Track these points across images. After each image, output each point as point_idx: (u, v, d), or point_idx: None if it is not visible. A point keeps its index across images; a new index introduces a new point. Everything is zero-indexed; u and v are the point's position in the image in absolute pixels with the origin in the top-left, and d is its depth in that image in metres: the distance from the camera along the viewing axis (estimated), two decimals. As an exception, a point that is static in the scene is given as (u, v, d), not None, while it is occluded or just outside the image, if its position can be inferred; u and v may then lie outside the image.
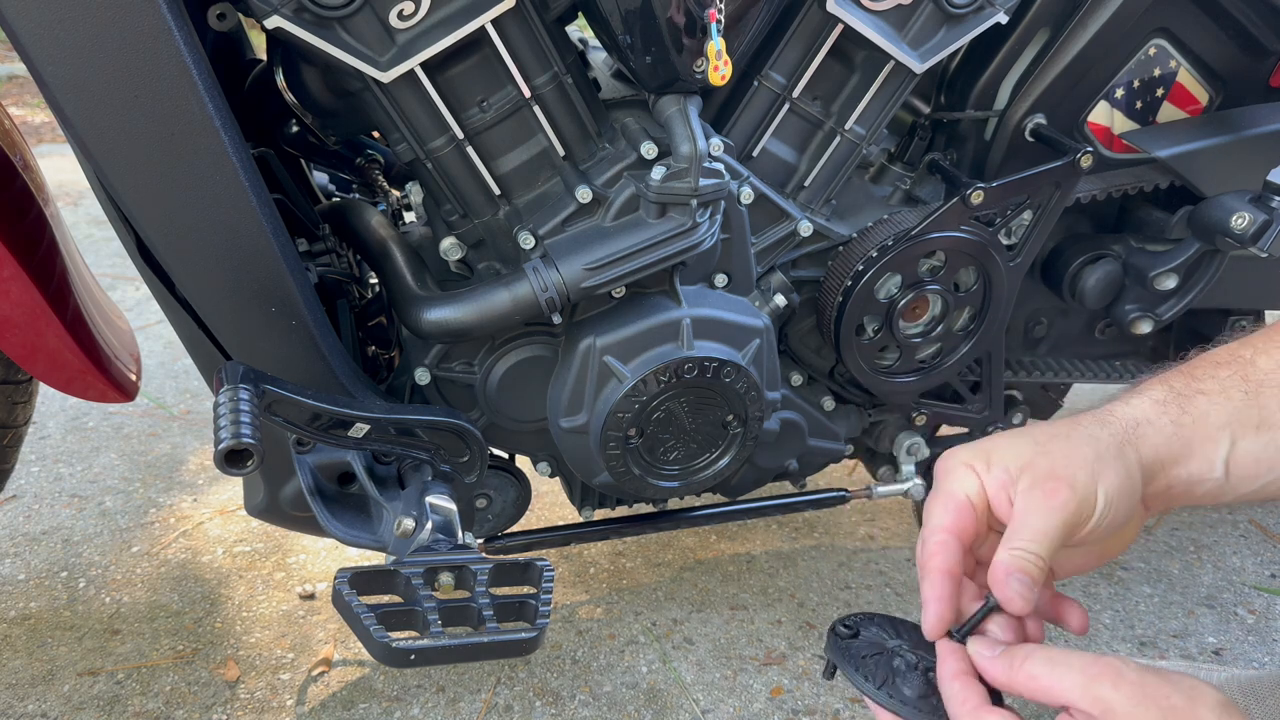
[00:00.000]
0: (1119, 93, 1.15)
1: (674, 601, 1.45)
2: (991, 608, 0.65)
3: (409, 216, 1.11)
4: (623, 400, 1.01)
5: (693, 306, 1.03)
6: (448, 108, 0.93)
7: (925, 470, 1.31)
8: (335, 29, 0.87)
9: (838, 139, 1.07)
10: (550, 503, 1.68)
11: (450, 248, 1.02)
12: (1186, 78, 1.16)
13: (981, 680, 0.64)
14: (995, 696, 0.63)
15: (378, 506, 0.98)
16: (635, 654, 1.35)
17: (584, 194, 0.97)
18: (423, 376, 1.06)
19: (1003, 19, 1.03)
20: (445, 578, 0.91)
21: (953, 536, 0.67)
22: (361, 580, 0.89)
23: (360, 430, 0.95)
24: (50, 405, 1.92)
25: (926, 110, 1.19)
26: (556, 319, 0.99)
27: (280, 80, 1.02)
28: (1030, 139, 1.12)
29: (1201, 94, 1.18)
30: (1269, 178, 1.08)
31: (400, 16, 0.87)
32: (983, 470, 0.68)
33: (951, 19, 1.02)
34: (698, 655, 1.35)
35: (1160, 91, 1.16)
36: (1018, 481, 0.66)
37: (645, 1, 0.88)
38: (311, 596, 1.44)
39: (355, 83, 0.93)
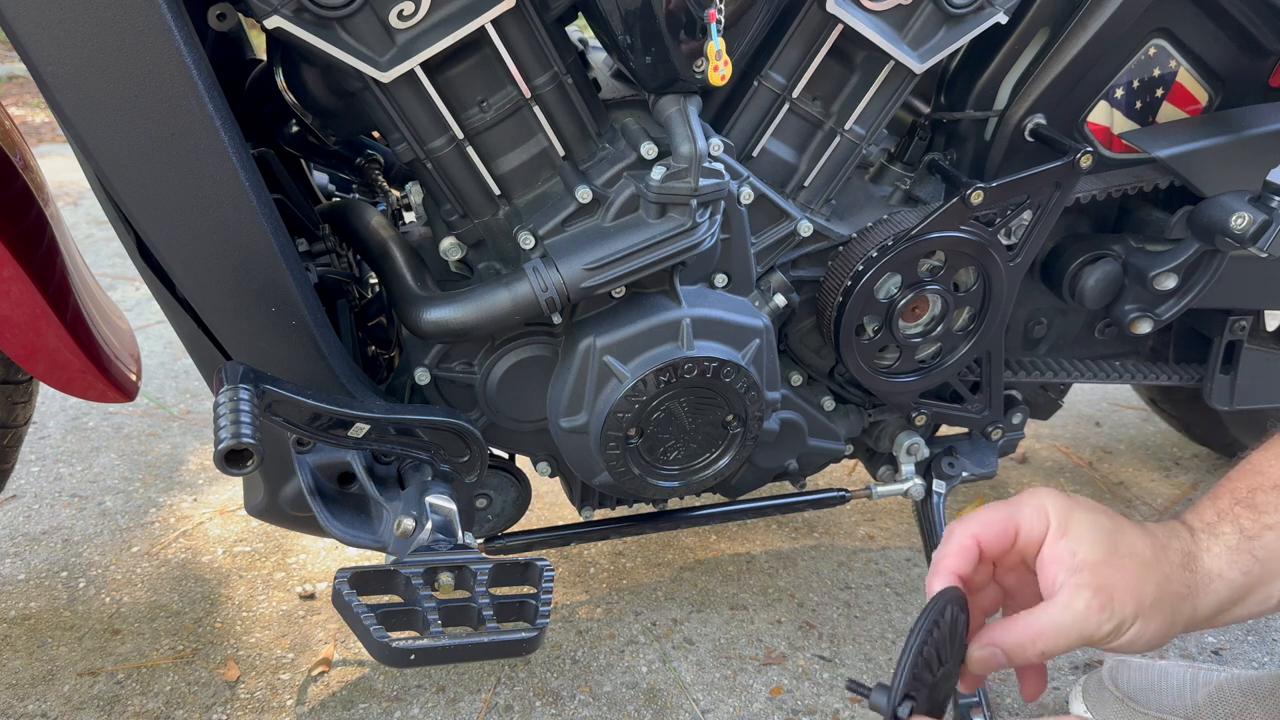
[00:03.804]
0: (1119, 93, 1.15)
1: (674, 601, 1.45)
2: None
3: (409, 216, 1.11)
4: (623, 400, 1.01)
5: (692, 306, 1.03)
6: (448, 108, 0.93)
7: (925, 470, 1.31)
8: (335, 29, 0.87)
9: (837, 139, 1.07)
10: (550, 503, 1.68)
11: (450, 248, 1.02)
12: (1186, 78, 1.16)
13: None
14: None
15: (378, 506, 0.98)
16: (635, 654, 1.35)
17: (584, 194, 0.97)
18: (423, 376, 1.06)
19: (1002, 19, 1.03)
20: (445, 578, 0.92)
21: (974, 542, 0.72)
22: (361, 580, 0.89)
23: (360, 430, 0.95)
24: (50, 405, 1.92)
25: (926, 110, 1.19)
26: (556, 319, 0.99)
27: (280, 80, 1.02)
28: (1030, 139, 1.12)
29: (1201, 94, 1.18)
30: (1269, 178, 1.08)
31: (400, 16, 0.87)
32: (1055, 530, 0.70)
33: (951, 19, 1.02)
34: (698, 655, 1.35)
35: (1160, 91, 1.16)
36: (1078, 571, 0.68)
37: (645, 1, 0.88)
38: (311, 596, 1.44)
39: (355, 83, 0.93)
